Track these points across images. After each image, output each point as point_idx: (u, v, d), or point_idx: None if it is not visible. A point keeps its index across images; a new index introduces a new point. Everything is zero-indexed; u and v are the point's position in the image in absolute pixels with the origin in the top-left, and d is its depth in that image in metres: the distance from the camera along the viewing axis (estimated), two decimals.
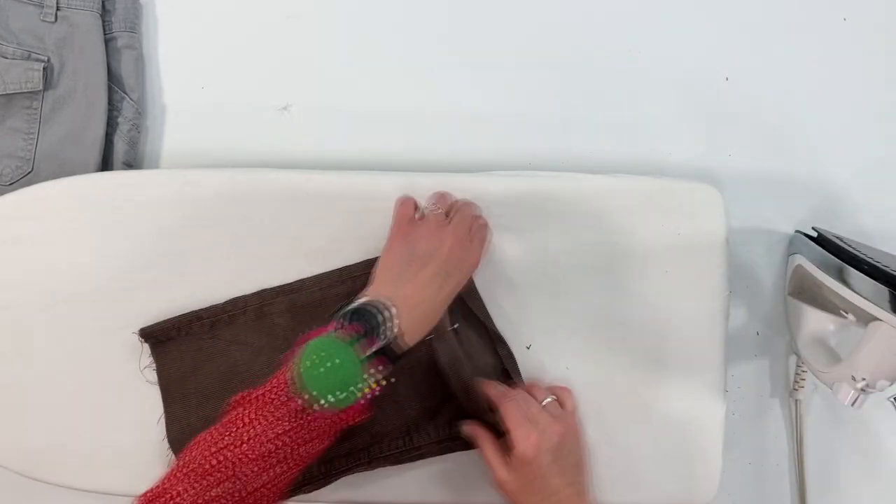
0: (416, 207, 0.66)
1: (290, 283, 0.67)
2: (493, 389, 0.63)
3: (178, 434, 0.66)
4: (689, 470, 0.70)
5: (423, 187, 0.68)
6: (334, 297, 0.67)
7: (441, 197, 0.65)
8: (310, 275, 0.68)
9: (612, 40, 0.78)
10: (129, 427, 0.67)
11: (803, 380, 0.77)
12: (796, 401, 0.78)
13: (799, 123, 0.79)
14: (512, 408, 0.61)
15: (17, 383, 0.67)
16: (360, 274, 0.66)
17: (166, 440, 0.67)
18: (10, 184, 0.72)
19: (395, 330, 0.55)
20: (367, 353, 0.53)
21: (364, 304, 0.56)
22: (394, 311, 0.55)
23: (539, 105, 0.78)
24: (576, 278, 0.69)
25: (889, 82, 0.79)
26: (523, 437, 0.59)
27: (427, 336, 0.59)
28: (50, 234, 0.68)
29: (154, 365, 0.67)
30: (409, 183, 0.68)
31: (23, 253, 0.68)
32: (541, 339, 0.69)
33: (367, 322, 0.54)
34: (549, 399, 0.64)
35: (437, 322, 0.59)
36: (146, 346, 0.67)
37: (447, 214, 0.63)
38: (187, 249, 0.68)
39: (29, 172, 0.72)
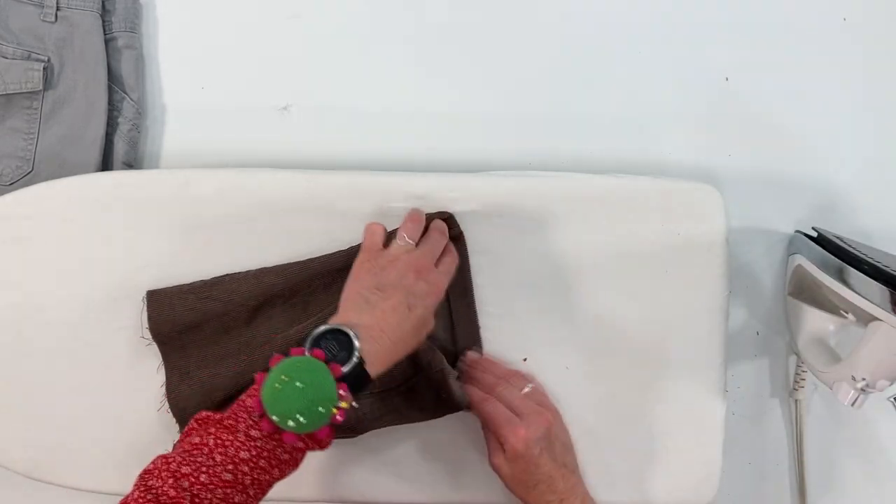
0: (386, 235, 0.64)
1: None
2: (475, 394, 0.64)
3: (180, 394, 0.66)
4: (689, 470, 0.70)
5: (424, 187, 0.68)
6: (334, 266, 0.66)
7: (412, 224, 0.63)
8: None
9: (612, 40, 0.78)
10: (129, 427, 0.67)
11: (803, 380, 0.77)
12: (796, 401, 0.78)
13: (799, 123, 0.79)
14: (491, 409, 0.62)
15: (17, 383, 0.67)
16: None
17: (166, 402, 0.67)
18: (10, 184, 0.72)
19: (356, 358, 0.53)
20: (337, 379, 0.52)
21: (328, 329, 0.54)
22: (356, 341, 0.53)
23: (539, 105, 0.78)
24: (576, 278, 0.69)
25: (889, 82, 0.79)
26: (511, 433, 0.60)
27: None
28: (50, 234, 0.68)
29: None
30: (410, 183, 0.68)
31: (23, 253, 0.68)
32: (540, 340, 0.69)
33: (328, 348, 0.53)
34: (528, 388, 0.65)
35: (403, 354, 0.57)
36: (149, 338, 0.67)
37: (417, 243, 0.63)
38: (187, 249, 0.68)
39: (29, 172, 0.72)
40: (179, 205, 0.68)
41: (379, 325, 0.55)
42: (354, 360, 0.52)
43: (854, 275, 0.62)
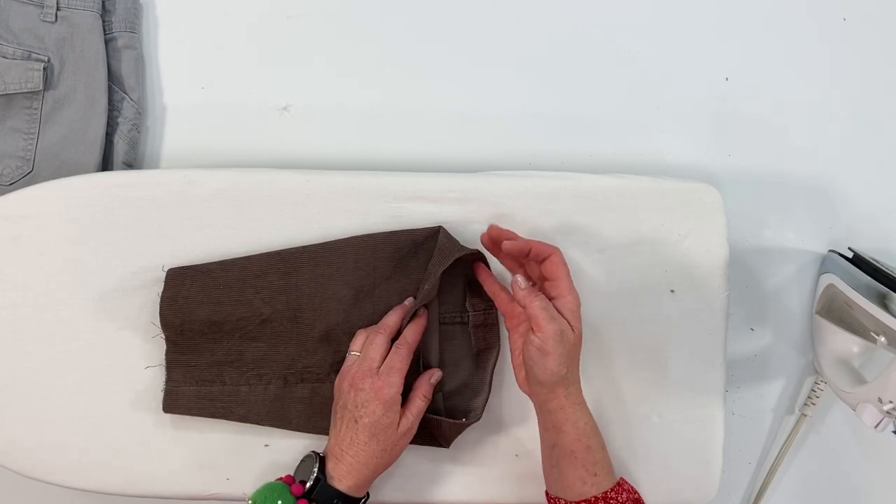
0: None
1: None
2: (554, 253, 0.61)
3: (180, 395, 0.67)
4: (689, 470, 0.70)
5: (424, 187, 0.68)
6: (331, 267, 0.67)
7: (359, 337, 0.65)
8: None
9: (612, 40, 0.78)
10: (128, 427, 0.67)
11: (818, 397, 0.77)
12: (803, 415, 0.78)
13: (799, 123, 0.79)
14: (563, 262, 0.60)
15: (17, 383, 0.67)
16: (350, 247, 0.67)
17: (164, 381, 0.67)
18: (10, 184, 0.72)
19: (313, 478, 0.59)
20: (297, 496, 0.59)
21: (308, 453, 0.63)
22: (316, 463, 0.60)
23: (539, 105, 0.78)
24: (575, 278, 0.69)
25: (888, 82, 0.79)
26: (572, 287, 0.60)
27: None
28: (50, 234, 0.68)
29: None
30: (410, 183, 0.68)
31: (23, 253, 0.68)
32: None
33: (300, 470, 0.62)
34: None
35: (375, 462, 0.60)
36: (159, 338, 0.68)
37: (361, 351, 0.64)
38: (187, 249, 0.68)
39: (29, 172, 0.72)
40: (179, 205, 0.68)
41: (339, 444, 0.61)
42: (311, 480, 0.59)
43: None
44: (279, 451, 0.68)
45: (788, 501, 0.81)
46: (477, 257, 0.66)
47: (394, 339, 0.64)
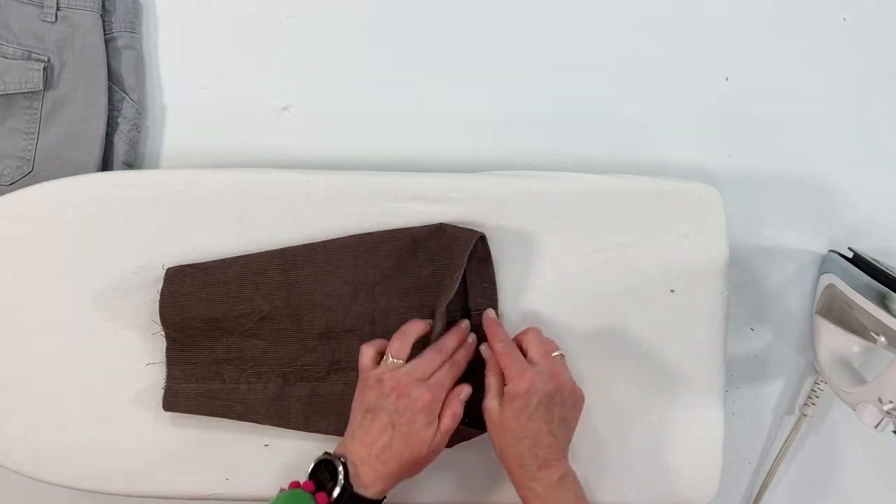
0: (378, 354, 0.62)
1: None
2: (498, 332, 0.63)
3: (179, 392, 0.67)
4: (689, 470, 0.70)
5: (424, 187, 0.68)
6: (330, 264, 0.67)
7: (398, 343, 0.62)
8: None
9: (611, 40, 0.78)
10: (128, 427, 0.67)
11: (818, 397, 0.77)
12: (803, 415, 0.78)
13: (799, 124, 0.79)
14: (507, 349, 0.61)
15: (17, 383, 0.67)
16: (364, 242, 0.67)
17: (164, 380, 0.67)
18: (10, 184, 0.72)
19: (340, 486, 0.55)
20: None
21: (323, 458, 0.58)
22: (340, 469, 0.56)
23: (539, 105, 0.78)
24: (575, 279, 0.69)
25: (888, 82, 0.79)
26: (518, 374, 0.59)
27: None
28: (50, 234, 0.68)
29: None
30: (410, 183, 0.68)
31: (23, 253, 0.68)
32: None
33: (321, 478, 0.57)
34: (557, 353, 0.63)
35: (406, 469, 0.59)
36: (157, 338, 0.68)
37: (409, 358, 0.61)
38: (187, 249, 0.68)
39: (29, 172, 0.72)
40: (179, 205, 0.68)
41: (367, 449, 0.58)
42: (338, 488, 0.56)
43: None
44: (279, 450, 0.68)
45: (788, 501, 0.81)
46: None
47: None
